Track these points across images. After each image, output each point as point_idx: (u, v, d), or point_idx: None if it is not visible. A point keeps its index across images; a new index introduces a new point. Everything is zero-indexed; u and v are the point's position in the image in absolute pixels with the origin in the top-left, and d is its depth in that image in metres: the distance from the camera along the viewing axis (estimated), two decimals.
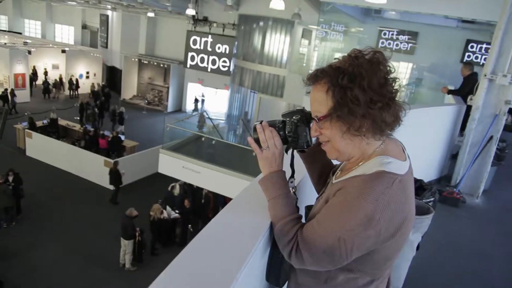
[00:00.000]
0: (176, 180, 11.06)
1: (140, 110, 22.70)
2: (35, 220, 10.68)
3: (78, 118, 18.91)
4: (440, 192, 4.62)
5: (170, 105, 23.72)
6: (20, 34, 29.18)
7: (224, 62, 20.16)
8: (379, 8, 11.18)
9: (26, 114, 16.77)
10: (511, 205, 5.43)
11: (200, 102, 23.03)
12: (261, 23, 16.77)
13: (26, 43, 23.85)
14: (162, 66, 24.03)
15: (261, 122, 1.27)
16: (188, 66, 21.44)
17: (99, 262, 9.27)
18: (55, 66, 25.10)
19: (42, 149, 14.58)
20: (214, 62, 20.46)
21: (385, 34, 14.10)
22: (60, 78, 24.31)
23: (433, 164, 5.56)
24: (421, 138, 4.62)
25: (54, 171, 13.78)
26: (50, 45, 26.34)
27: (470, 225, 4.66)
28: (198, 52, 20.81)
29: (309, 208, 1.36)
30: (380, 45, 13.90)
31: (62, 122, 16.62)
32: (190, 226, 10.05)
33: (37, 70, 24.70)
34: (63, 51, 24.59)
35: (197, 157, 10.00)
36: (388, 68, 1.11)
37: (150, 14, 22.44)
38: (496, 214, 5.03)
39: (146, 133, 18.31)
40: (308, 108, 1.25)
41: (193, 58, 21.03)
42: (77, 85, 24.26)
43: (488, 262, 3.95)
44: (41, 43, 26.23)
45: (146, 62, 24.12)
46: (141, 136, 17.36)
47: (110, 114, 18.59)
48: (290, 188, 1.28)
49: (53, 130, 15.93)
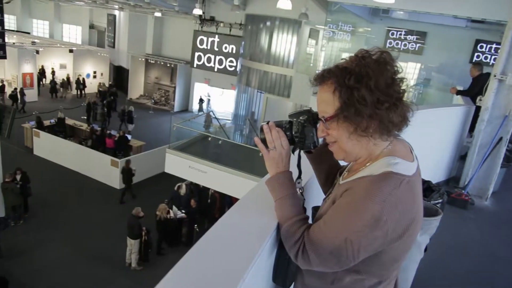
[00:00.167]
0: (182, 180, 11.09)
1: (146, 109, 22.78)
2: (42, 218, 10.75)
3: (85, 117, 19.04)
4: (448, 193, 4.59)
5: (177, 105, 23.79)
6: (28, 34, 29.45)
7: (231, 62, 20.19)
8: (387, 8, 11.13)
9: (34, 113, 16.88)
10: None
11: (205, 102, 23.07)
12: (268, 23, 16.75)
13: (34, 43, 24.02)
14: (169, 65, 24.12)
15: (268, 123, 1.27)
16: (195, 66, 21.50)
17: (105, 261, 9.32)
18: (63, 66, 25.27)
19: (50, 148, 14.68)
20: (221, 62, 20.50)
21: (393, 34, 14.04)
22: (67, 78, 24.49)
23: (441, 165, 5.52)
24: (429, 139, 4.58)
25: (61, 170, 13.86)
26: (58, 44, 26.54)
27: (478, 227, 4.61)
28: (205, 52, 20.86)
29: (316, 209, 1.35)
30: (387, 45, 13.84)
31: (69, 121, 16.72)
32: (196, 226, 10.05)
33: (45, 70, 24.90)
34: (71, 51, 24.77)
35: (203, 157, 10.00)
36: (395, 68, 1.11)
37: (157, 14, 22.51)
38: (505, 217, 4.98)
39: (153, 132, 18.36)
40: (315, 108, 1.24)
41: (200, 58, 21.08)
42: (84, 84, 24.43)
43: (497, 264, 3.91)
44: (49, 43, 26.43)
45: (153, 61, 24.21)
46: (147, 135, 17.43)
47: (120, 114, 18.70)
48: (297, 189, 1.28)
49: (60, 129, 16.02)
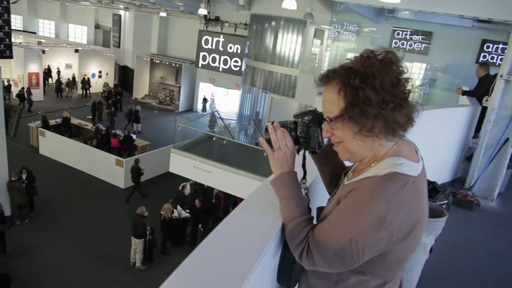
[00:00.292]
0: (187, 179, 11.11)
1: (151, 109, 22.83)
2: (47, 217, 10.81)
3: (91, 117, 19.14)
4: (454, 194, 4.56)
5: (182, 104, 23.85)
6: (34, 33, 29.64)
7: (235, 62, 20.18)
8: (393, 7, 11.05)
9: (39, 112, 16.98)
10: None
11: (209, 102, 23.10)
12: (273, 23, 16.72)
13: (40, 43, 24.19)
14: (173, 65, 24.18)
15: (272, 123, 1.27)
16: (199, 65, 21.52)
17: (110, 261, 9.35)
18: (68, 66, 25.39)
19: (55, 147, 14.76)
20: (225, 62, 20.51)
21: (398, 34, 13.97)
22: (73, 77, 24.61)
23: (446, 166, 5.49)
24: (434, 140, 4.56)
25: (66, 169, 13.93)
26: (64, 44, 26.68)
27: (484, 228, 4.58)
28: (209, 51, 20.88)
29: (320, 209, 1.35)
30: (393, 45, 13.77)
31: (75, 121, 16.80)
32: (200, 225, 10.08)
33: (51, 69, 25.03)
34: (76, 51, 24.92)
35: (208, 157, 10.01)
36: (400, 68, 1.10)
37: (162, 14, 22.58)
38: (511, 218, 4.94)
39: (158, 132, 18.42)
40: (320, 108, 1.24)
41: (204, 58, 21.10)
42: (89, 84, 24.54)
43: (502, 266, 3.88)
44: (54, 43, 26.58)
45: (158, 61, 24.27)
46: (152, 135, 17.49)
47: (127, 114, 18.79)
48: (302, 189, 1.28)
49: (65, 129, 16.10)
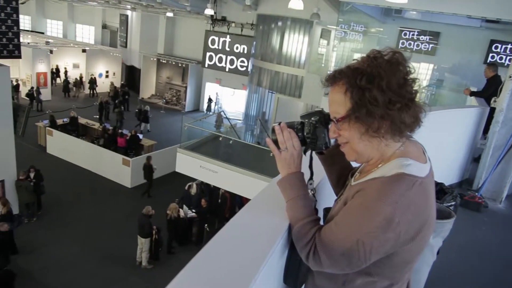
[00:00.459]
0: (193, 179, 11.13)
1: (158, 109, 22.90)
2: (55, 216, 10.88)
3: (98, 116, 19.25)
4: (461, 196, 4.53)
5: (188, 104, 23.90)
6: (42, 34, 29.88)
7: (242, 62, 20.20)
8: (400, 8, 11.01)
9: (47, 112, 17.09)
10: None
11: (214, 102, 23.12)
12: (279, 23, 16.71)
13: (48, 43, 24.39)
14: (180, 65, 24.24)
15: (279, 124, 1.27)
16: (206, 66, 21.57)
17: (116, 260, 9.39)
18: (76, 65, 25.55)
19: (62, 146, 14.85)
20: (232, 62, 20.53)
21: (405, 35, 13.89)
22: (80, 77, 24.76)
23: (454, 167, 5.45)
24: (442, 141, 4.52)
25: (73, 169, 14.02)
26: (71, 44, 26.88)
27: (492, 230, 4.54)
28: (216, 52, 20.91)
29: (327, 210, 1.34)
30: (400, 45, 13.69)
31: (82, 120, 16.90)
32: (206, 225, 10.10)
33: (59, 69, 25.20)
34: (84, 51, 25.07)
35: (214, 156, 10.02)
36: (407, 68, 1.10)
37: (169, 14, 22.65)
38: None
39: (164, 132, 18.48)
40: (326, 109, 1.24)
41: (211, 58, 21.14)
42: (96, 83, 24.65)
43: (510, 268, 3.85)
44: (62, 43, 26.79)
45: (164, 61, 24.35)
46: (159, 135, 17.55)
47: (137, 113, 18.91)
48: (309, 190, 1.28)
49: (73, 128, 16.19)
